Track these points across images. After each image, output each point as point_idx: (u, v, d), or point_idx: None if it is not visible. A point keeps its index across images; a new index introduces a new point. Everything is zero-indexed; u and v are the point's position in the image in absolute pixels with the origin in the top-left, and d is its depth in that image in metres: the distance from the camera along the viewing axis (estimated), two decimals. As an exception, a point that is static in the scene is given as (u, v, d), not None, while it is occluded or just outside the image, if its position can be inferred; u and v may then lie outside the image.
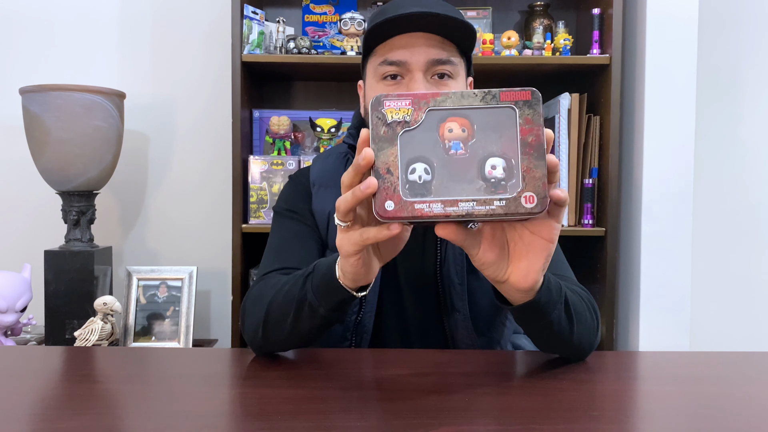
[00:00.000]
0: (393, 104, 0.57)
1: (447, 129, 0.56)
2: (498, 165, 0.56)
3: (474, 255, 0.63)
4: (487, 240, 0.63)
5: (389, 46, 0.94)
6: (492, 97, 0.57)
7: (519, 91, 0.57)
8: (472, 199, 0.55)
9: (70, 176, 1.74)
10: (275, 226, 1.04)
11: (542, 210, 0.55)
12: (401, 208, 0.55)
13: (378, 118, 0.57)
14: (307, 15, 2.01)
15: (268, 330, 0.83)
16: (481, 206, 0.55)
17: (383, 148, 0.56)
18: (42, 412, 0.62)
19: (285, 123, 1.88)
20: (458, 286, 0.97)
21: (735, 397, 0.69)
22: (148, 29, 2.07)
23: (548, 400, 0.66)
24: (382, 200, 0.55)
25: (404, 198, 0.55)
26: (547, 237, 0.62)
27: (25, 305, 1.69)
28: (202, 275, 2.02)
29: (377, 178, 0.56)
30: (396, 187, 0.55)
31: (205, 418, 0.61)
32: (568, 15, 2.04)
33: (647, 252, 1.75)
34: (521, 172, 0.55)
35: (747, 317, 2.11)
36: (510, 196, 0.55)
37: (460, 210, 0.55)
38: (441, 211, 0.55)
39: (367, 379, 0.75)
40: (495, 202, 0.55)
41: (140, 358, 0.85)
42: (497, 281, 0.66)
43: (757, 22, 2.06)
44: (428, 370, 0.78)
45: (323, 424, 0.59)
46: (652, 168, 1.74)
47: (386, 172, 0.56)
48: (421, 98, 0.57)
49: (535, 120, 0.56)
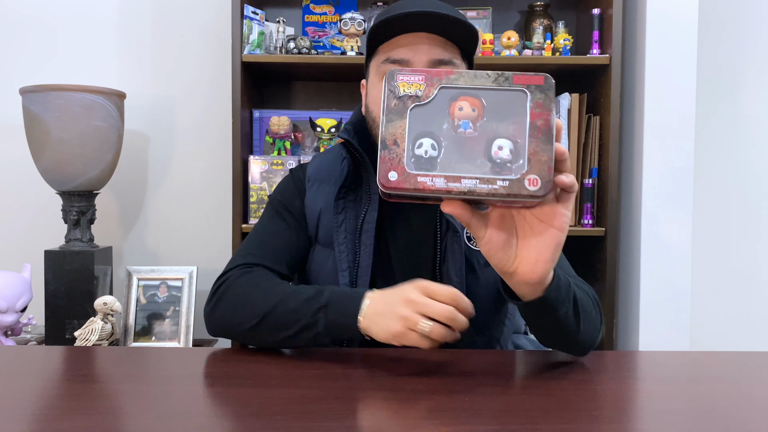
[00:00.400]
0: (406, 78, 0.58)
1: (458, 107, 0.57)
2: (505, 146, 0.56)
3: (480, 238, 0.62)
4: (495, 223, 0.62)
5: (392, 45, 0.95)
6: (505, 80, 0.57)
7: (532, 76, 0.57)
8: (476, 177, 0.55)
9: (70, 176, 1.74)
10: (267, 215, 1.05)
11: (545, 194, 0.55)
12: (404, 180, 0.55)
13: (390, 90, 0.58)
14: (307, 15, 2.01)
15: (255, 333, 0.85)
16: (484, 185, 0.55)
17: (392, 120, 0.57)
18: (42, 412, 0.62)
19: (285, 123, 1.88)
20: (457, 284, 0.97)
21: (735, 397, 0.69)
22: (148, 29, 2.07)
23: (548, 400, 0.66)
24: (386, 170, 0.56)
25: (408, 170, 0.56)
26: (557, 225, 0.61)
27: (26, 305, 1.69)
28: (202, 275, 2.02)
29: (383, 148, 0.56)
30: (401, 159, 0.56)
31: (204, 417, 0.62)
32: (568, 15, 2.04)
33: (647, 252, 1.75)
34: (527, 155, 0.55)
35: (747, 317, 2.11)
36: (514, 178, 0.55)
37: (463, 186, 0.55)
38: (443, 186, 0.55)
39: (366, 379, 0.75)
40: (498, 182, 0.55)
41: (140, 358, 0.85)
42: (505, 272, 0.65)
43: (757, 22, 2.06)
44: (428, 369, 0.78)
45: (322, 425, 0.59)
46: (652, 168, 1.74)
47: (393, 143, 0.56)
48: (434, 75, 0.58)
49: (545, 105, 0.56)
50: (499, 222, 0.62)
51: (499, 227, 0.62)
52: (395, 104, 0.57)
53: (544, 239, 0.61)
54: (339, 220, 0.99)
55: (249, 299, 0.88)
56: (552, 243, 0.61)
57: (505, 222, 0.62)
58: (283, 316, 0.83)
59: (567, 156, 0.58)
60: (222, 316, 0.90)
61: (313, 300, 0.83)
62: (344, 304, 0.81)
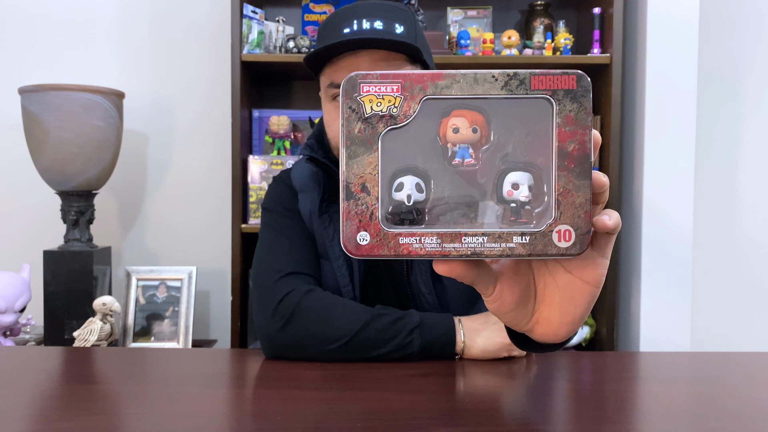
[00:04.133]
0: (374, 89, 0.40)
1: (451, 127, 0.40)
2: (522, 183, 0.40)
3: (488, 295, 0.45)
4: (507, 277, 0.45)
5: (335, 67, 0.94)
6: (519, 83, 0.40)
7: (559, 76, 0.40)
8: (482, 234, 0.40)
9: (69, 176, 1.74)
10: (274, 223, 1.02)
11: (581, 251, 0.40)
12: (380, 243, 0.40)
13: (351, 109, 0.40)
14: (307, 14, 2.01)
15: (342, 352, 0.85)
16: (495, 243, 0.40)
17: (357, 154, 0.40)
18: (41, 413, 0.62)
19: (285, 123, 1.88)
20: (428, 295, 0.97)
21: (735, 398, 0.69)
22: (147, 29, 2.06)
23: (548, 400, 0.66)
24: (353, 230, 0.40)
25: (384, 228, 0.40)
26: (591, 279, 0.43)
27: (24, 305, 1.69)
28: (201, 275, 2.01)
29: (348, 198, 0.40)
30: (374, 212, 0.40)
31: (204, 418, 0.61)
32: (569, 14, 2.04)
33: (647, 252, 1.74)
34: (555, 196, 0.40)
35: (747, 317, 2.10)
36: (537, 230, 0.39)
37: (464, 248, 0.40)
38: (436, 248, 0.40)
39: (365, 379, 0.75)
40: (515, 238, 0.40)
41: (139, 358, 0.84)
42: (517, 328, 0.48)
43: (757, 22, 2.06)
44: (427, 370, 0.78)
45: (322, 425, 0.58)
46: (652, 168, 1.74)
47: (360, 189, 0.40)
48: (415, 81, 0.40)
49: (579, 120, 0.39)
50: (512, 274, 0.45)
51: (512, 281, 0.45)
52: (360, 130, 0.40)
53: (572, 297, 0.45)
54: (330, 233, 0.98)
55: (333, 317, 0.87)
56: (582, 302, 0.44)
57: (521, 273, 0.45)
58: (376, 335, 0.84)
59: (607, 186, 0.42)
60: (298, 336, 0.87)
61: (404, 320, 0.85)
62: (437, 322, 0.85)
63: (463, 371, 0.77)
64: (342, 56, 0.93)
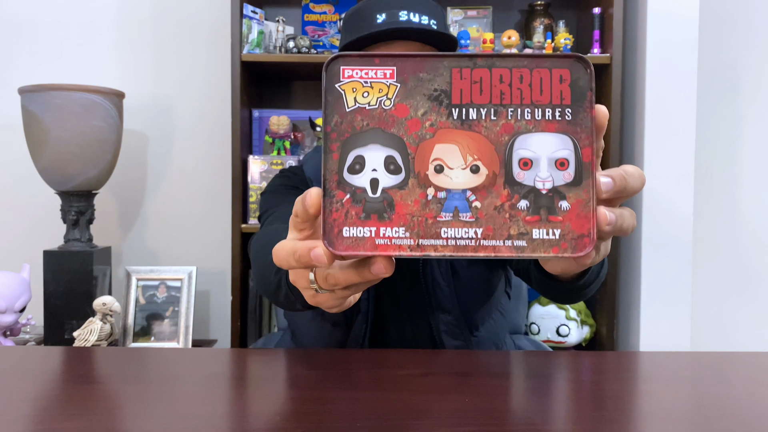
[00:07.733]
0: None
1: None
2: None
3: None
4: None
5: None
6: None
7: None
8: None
9: (69, 176, 1.74)
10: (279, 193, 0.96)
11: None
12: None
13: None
14: (307, 14, 2.01)
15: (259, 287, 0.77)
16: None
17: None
18: (40, 413, 0.62)
19: (285, 123, 1.88)
20: (445, 288, 0.95)
21: (736, 398, 0.68)
22: (147, 29, 2.06)
23: (548, 400, 0.66)
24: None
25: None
26: (582, 265, 0.43)
27: (24, 305, 1.69)
28: (201, 275, 2.01)
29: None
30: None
31: (203, 418, 0.61)
32: (569, 14, 2.04)
33: (647, 252, 1.74)
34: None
35: (748, 317, 2.10)
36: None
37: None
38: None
39: (365, 379, 0.75)
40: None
41: (139, 358, 0.84)
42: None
43: (757, 22, 2.06)
44: (427, 370, 0.78)
45: (322, 425, 0.58)
46: (652, 168, 1.74)
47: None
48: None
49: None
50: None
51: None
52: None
53: (564, 269, 0.50)
54: None
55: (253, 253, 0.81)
56: (577, 268, 0.48)
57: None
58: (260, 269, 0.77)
59: (612, 184, 0.42)
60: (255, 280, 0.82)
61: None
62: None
63: (462, 371, 0.77)
64: (375, 46, 0.92)
